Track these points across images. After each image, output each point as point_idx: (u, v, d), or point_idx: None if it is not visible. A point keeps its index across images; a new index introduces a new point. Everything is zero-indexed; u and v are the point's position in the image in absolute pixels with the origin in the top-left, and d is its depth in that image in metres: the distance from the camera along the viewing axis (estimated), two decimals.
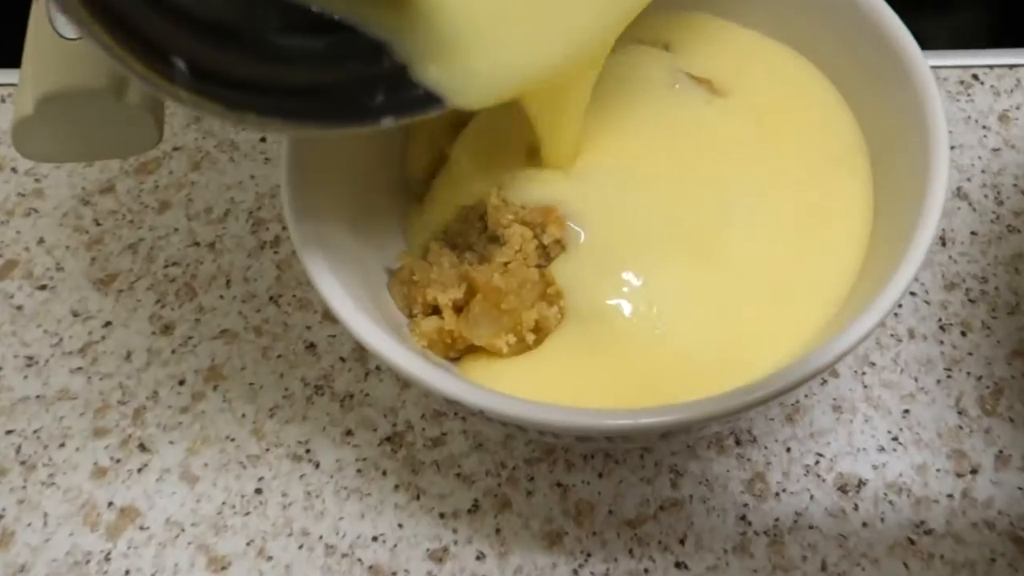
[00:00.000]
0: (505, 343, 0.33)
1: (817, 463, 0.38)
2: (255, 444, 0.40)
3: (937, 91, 0.33)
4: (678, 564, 0.36)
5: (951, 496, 0.37)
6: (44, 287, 0.44)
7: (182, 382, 0.41)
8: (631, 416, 0.29)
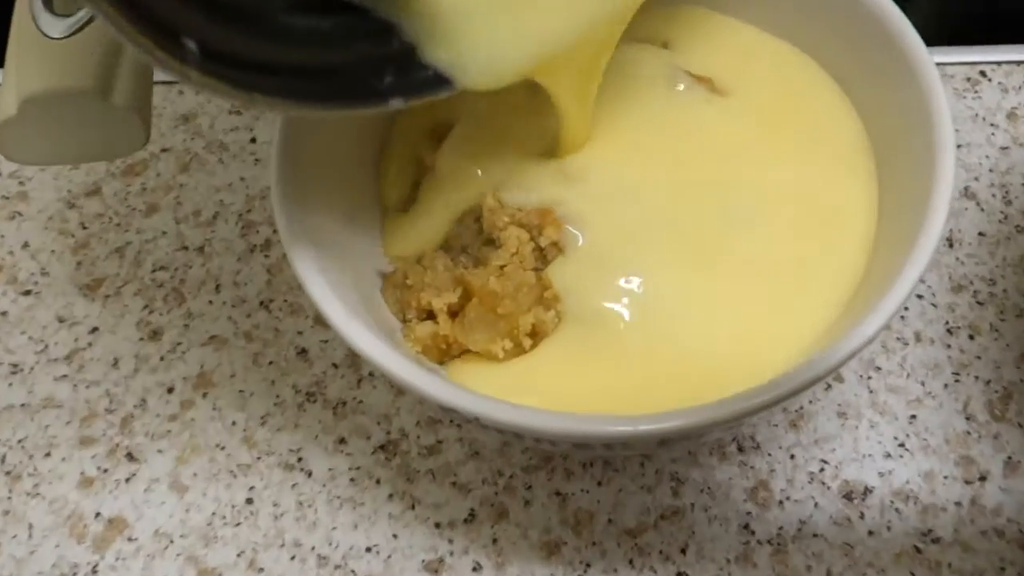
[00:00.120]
0: (501, 348, 0.33)
1: (822, 470, 0.38)
2: (246, 453, 0.40)
3: (942, 88, 0.33)
4: (679, 574, 0.36)
5: (959, 503, 0.37)
6: (28, 292, 0.44)
7: (171, 389, 0.41)
8: (630, 423, 0.29)
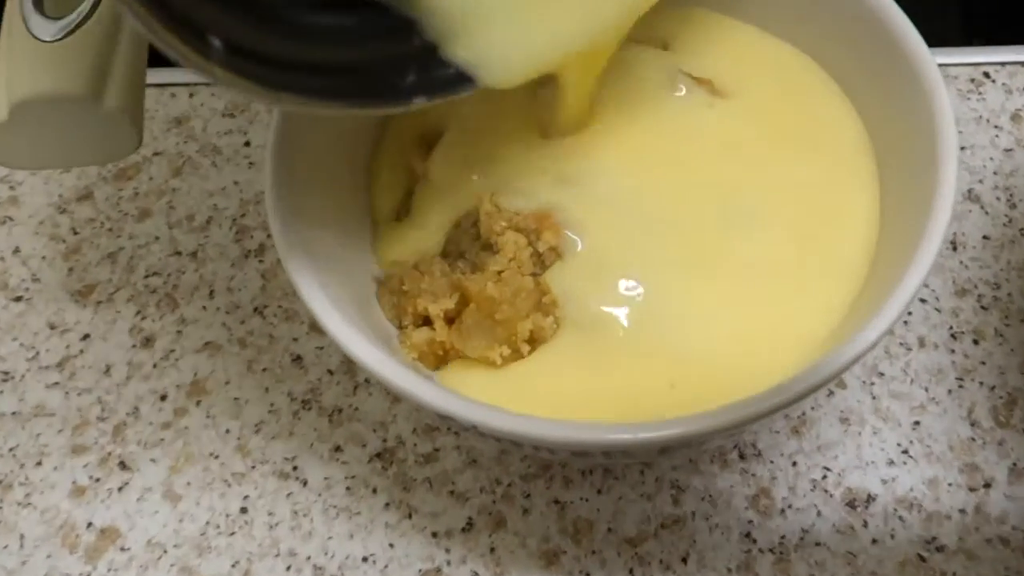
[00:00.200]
0: (499, 355, 0.33)
1: (824, 478, 0.38)
2: (240, 461, 0.40)
3: (945, 90, 0.33)
4: None
5: (963, 511, 0.37)
6: (19, 299, 0.44)
7: (164, 397, 0.41)
8: (630, 431, 0.29)
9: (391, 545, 0.38)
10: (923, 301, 0.42)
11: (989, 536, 0.37)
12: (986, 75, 0.47)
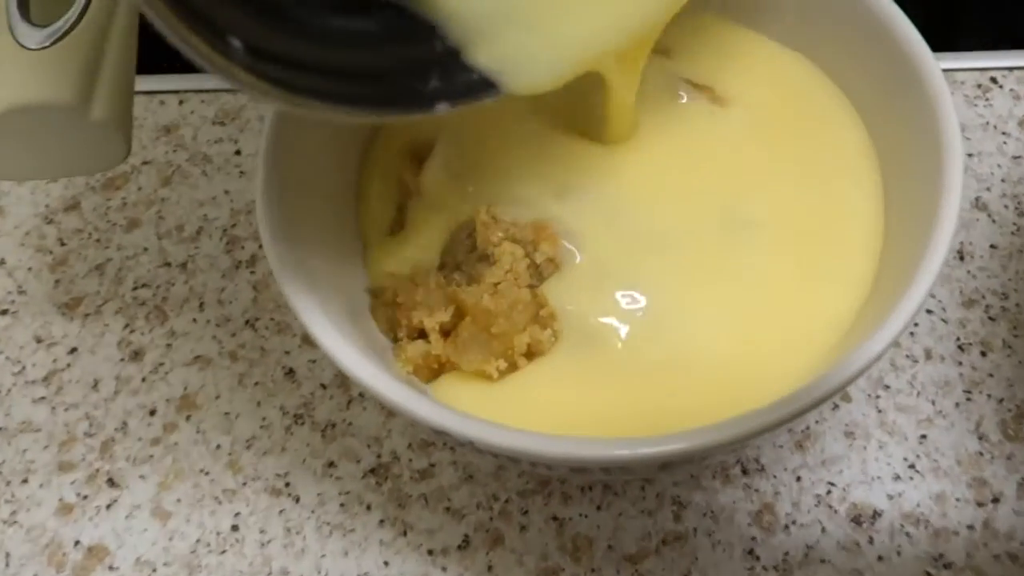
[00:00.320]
0: (495, 368, 0.33)
1: (829, 493, 0.38)
2: (231, 478, 0.40)
3: (950, 96, 0.33)
4: None
5: (972, 527, 0.37)
6: (5, 312, 0.44)
7: (153, 412, 0.41)
8: (629, 446, 0.29)
9: (386, 563, 0.38)
10: (929, 312, 0.42)
11: (998, 552, 0.37)
12: (993, 80, 0.48)
